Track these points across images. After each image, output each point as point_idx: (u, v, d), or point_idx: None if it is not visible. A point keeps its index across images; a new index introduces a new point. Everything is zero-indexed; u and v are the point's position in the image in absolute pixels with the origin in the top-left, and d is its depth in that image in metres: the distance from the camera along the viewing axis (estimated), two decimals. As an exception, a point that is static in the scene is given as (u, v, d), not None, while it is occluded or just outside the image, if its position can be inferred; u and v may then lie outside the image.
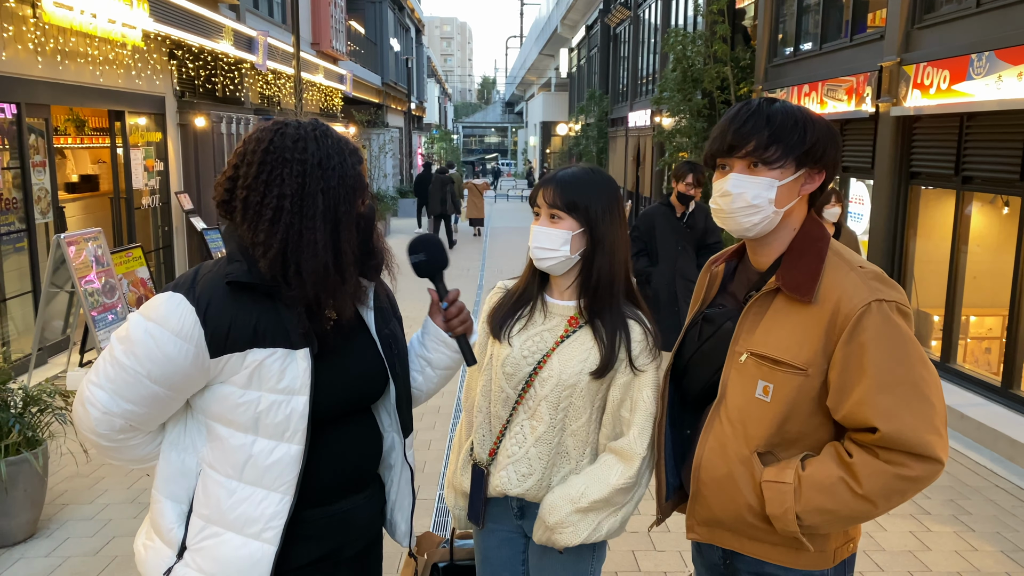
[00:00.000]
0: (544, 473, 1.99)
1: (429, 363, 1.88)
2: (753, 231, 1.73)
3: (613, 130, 23.67)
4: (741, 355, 1.71)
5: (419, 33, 36.64)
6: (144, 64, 8.94)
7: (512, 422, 2.02)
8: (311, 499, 1.61)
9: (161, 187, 9.92)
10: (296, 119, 1.59)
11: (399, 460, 1.80)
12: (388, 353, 1.72)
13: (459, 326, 1.81)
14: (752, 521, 1.70)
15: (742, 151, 1.69)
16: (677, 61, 12.64)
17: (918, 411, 1.55)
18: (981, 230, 6.90)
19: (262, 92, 12.99)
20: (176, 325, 1.49)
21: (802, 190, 1.71)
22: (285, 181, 1.51)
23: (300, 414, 1.54)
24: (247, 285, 1.52)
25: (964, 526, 4.26)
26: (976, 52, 6.09)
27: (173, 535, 1.60)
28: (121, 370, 1.52)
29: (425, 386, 1.92)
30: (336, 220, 1.53)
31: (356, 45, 20.90)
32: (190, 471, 1.62)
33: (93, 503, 4.37)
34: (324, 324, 1.59)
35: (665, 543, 3.96)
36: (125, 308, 6.90)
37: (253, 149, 1.55)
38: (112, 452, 1.64)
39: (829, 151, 1.70)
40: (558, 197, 1.96)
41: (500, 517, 2.10)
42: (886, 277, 1.66)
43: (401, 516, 1.84)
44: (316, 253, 1.50)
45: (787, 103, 1.73)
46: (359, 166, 1.59)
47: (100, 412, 1.55)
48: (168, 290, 1.53)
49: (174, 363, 1.49)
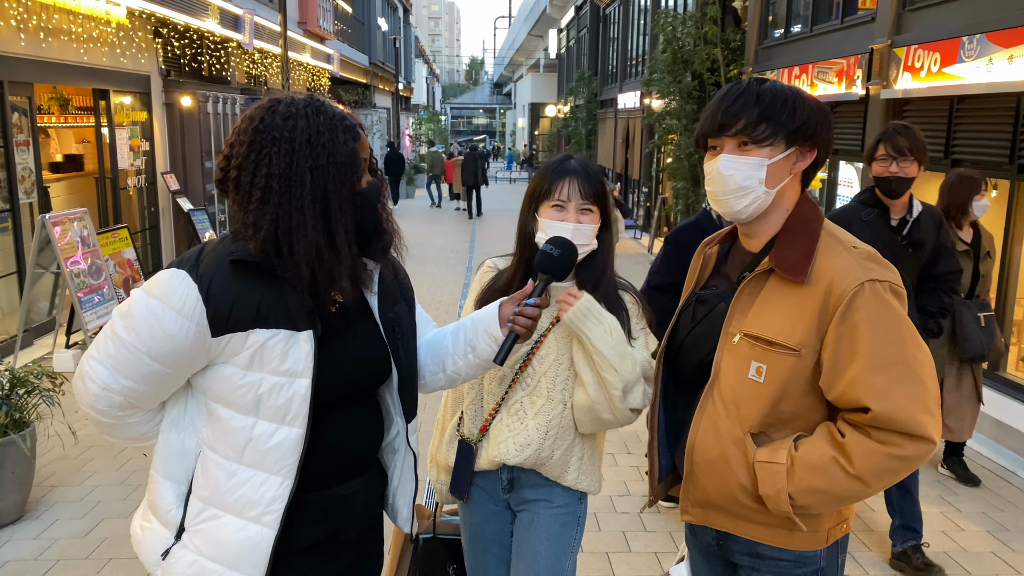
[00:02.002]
0: (542, 443, 2.03)
1: (473, 349, 1.83)
2: (745, 213, 1.73)
3: (602, 112, 23.58)
4: (734, 336, 1.70)
5: (407, 13, 36.33)
6: (129, 42, 8.81)
7: (508, 399, 2.07)
8: (312, 483, 1.59)
9: (147, 167, 9.82)
10: (291, 96, 1.56)
11: (402, 445, 1.77)
12: (391, 337, 1.68)
13: (523, 327, 1.76)
14: (745, 502, 1.70)
15: (732, 130, 1.69)
16: (667, 42, 12.58)
17: (910, 391, 1.56)
18: (969, 213, 6.92)
19: (249, 72, 12.86)
20: (178, 302, 1.47)
21: (794, 168, 1.70)
22: (273, 160, 1.48)
23: (302, 397, 1.52)
24: (251, 264, 1.49)
25: (951, 506, 4.31)
26: (967, 35, 6.08)
27: (171, 516, 1.59)
28: (121, 346, 1.51)
29: (464, 371, 1.86)
30: (326, 199, 1.50)
31: (343, 24, 20.69)
32: (189, 452, 1.60)
33: (82, 485, 4.35)
34: (328, 306, 1.56)
35: (655, 524, 3.98)
36: (112, 289, 6.85)
37: (245, 127, 1.52)
38: (111, 429, 1.63)
39: (820, 128, 1.69)
40: (588, 190, 2.01)
41: (487, 491, 2.14)
42: (879, 257, 1.66)
43: (403, 501, 1.82)
44: (306, 234, 1.48)
45: (777, 82, 1.73)
46: (354, 143, 1.54)
47: (99, 388, 1.54)
48: (172, 266, 1.51)
49: (175, 341, 1.48)
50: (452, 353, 1.85)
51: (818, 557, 1.74)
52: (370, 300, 1.67)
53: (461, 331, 1.85)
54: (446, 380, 1.89)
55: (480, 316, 1.82)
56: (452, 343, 1.85)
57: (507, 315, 1.78)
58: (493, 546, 2.17)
